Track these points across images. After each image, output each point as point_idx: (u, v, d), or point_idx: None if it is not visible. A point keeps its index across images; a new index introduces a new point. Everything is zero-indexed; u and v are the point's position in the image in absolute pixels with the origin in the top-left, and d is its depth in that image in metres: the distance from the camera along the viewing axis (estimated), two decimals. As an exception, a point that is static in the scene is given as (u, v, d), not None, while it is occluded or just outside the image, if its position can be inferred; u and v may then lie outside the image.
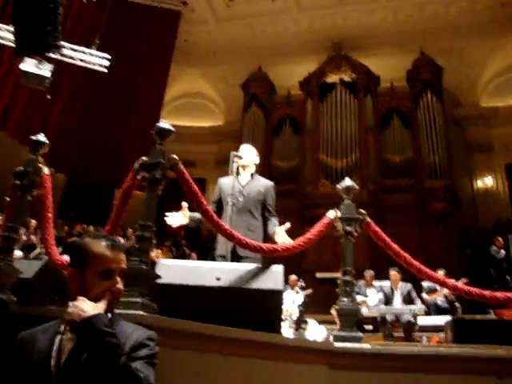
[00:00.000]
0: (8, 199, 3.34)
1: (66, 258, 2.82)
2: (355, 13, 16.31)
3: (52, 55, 9.14)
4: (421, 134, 14.53)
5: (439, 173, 13.84)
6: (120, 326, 1.58)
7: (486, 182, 15.95)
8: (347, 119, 14.78)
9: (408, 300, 7.62)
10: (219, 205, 4.03)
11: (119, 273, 1.61)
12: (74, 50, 10.32)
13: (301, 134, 15.58)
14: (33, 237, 10.05)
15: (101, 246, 1.61)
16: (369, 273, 8.79)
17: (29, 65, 9.38)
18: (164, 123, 2.69)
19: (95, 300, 1.54)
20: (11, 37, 8.68)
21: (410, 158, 14.52)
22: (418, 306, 7.42)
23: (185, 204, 3.50)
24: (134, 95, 15.32)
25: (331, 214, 3.00)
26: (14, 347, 1.58)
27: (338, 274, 3.01)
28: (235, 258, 3.64)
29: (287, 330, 7.30)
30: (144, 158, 2.61)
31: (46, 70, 9.46)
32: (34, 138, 3.10)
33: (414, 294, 7.76)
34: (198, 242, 14.46)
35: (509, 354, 2.70)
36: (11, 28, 8.70)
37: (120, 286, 1.60)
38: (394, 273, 7.78)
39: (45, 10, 7.53)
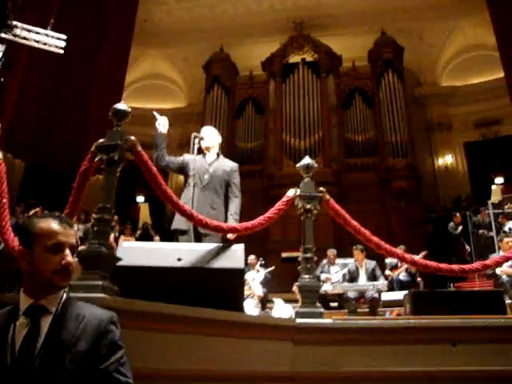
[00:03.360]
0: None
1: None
2: (316, -8, 16.30)
3: (3, 35, 8.81)
4: (383, 114, 14.72)
5: (401, 151, 14.09)
6: (77, 308, 1.54)
7: (446, 159, 16.36)
8: (310, 99, 14.84)
9: (372, 277, 7.74)
10: (176, 168, 4.06)
11: (70, 248, 1.55)
12: (28, 31, 9.95)
13: (264, 114, 15.57)
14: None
15: (47, 222, 1.56)
16: (331, 251, 8.92)
17: (-22, 46, 9.05)
18: (121, 104, 2.65)
19: (45, 279, 1.50)
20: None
21: (373, 137, 14.71)
22: (382, 282, 7.55)
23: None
24: (94, 77, 14.92)
25: (291, 192, 3.02)
26: None
27: (301, 253, 3.04)
28: (197, 234, 3.67)
29: (253, 310, 7.38)
30: (101, 140, 2.56)
31: (-4, 51, 9.14)
32: (-15, 121, 3.00)
33: (378, 271, 7.88)
34: (161, 225, 14.40)
35: (461, 323, 2.80)
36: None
37: (70, 258, 1.54)
38: (357, 251, 7.89)
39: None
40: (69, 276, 1.55)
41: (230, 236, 3.46)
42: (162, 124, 3.99)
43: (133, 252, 2.61)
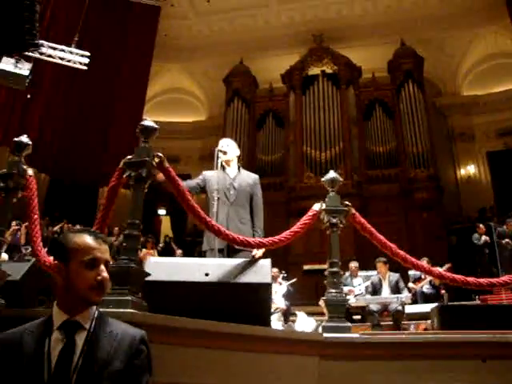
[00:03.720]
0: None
1: (51, 258, 2.81)
2: (335, 5, 16.36)
3: (30, 54, 9.02)
4: (403, 124, 14.64)
5: (422, 162, 13.97)
6: (109, 325, 1.57)
7: (469, 170, 16.16)
8: (330, 111, 14.82)
9: (396, 290, 7.67)
10: (198, 190, 4.06)
11: (104, 264, 1.58)
12: (53, 48, 10.19)
13: (284, 127, 15.59)
14: (17, 237, 10.02)
15: (83, 237, 1.59)
16: (353, 263, 8.88)
17: (7, 64, 9.26)
18: (148, 121, 2.69)
19: (82, 295, 1.52)
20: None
21: (394, 148, 14.62)
22: (405, 295, 7.48)
23: None
24: (116, 92, 15.18)
25: (317, 206, 3.02)
26: None
27: (325, 266, 3.04)
28: (230, 251, 3.70)
29: (276, 323, 7.35)
30: (129, 157, 2.61)
31: (24, 69, 9.34)
32: (17, 139, 3.08)
33: (401, 284, 7.81)
34: (182, 238, 14.49)
35: (491, 338, 2.76)
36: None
37: (106, 274, 1.57)
38: (380, 264, 7.83)
39: (21, 7, 7.43)
40: (103, 292, 1.58)
41: (255, 253, 3.48)
42: None
43: (161, 267, 2.63)
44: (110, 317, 1.65)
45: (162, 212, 16.33)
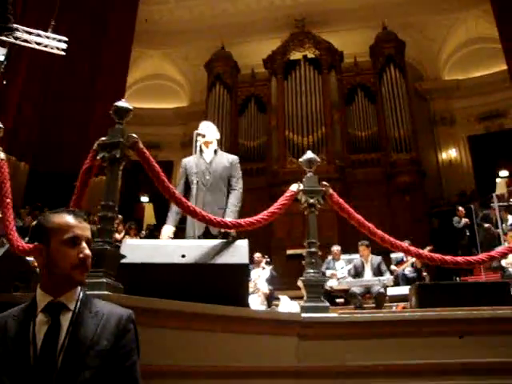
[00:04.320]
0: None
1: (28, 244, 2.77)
2: (316, -12, 16.25)
3: (5, 38, 8.82)
4: (385, 109, 14.66)
5: (404, 146, 14.03)
6: (94, 305, 1.54)
7: (450, 154, 16.30)
8: (312, 96, 14.79)
9: (378, 272, 7.75)
10: (187, 186, 4.03)
11: (86, 241, 1.55)
12: (29, 33, 9.94)
13: (266, 112, 15.51)
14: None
15: (62, 216, 1.57)
16: (336, 247, 8.93)
17: (-19, 50, 9.06)
18: (122, 102, 2.65)
19: (65, 274, 1.50)
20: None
21: (376, 132, 14.65)
22: (387, 277, 7.56)
23: None
24: (96, 78, 14.96)
25: (294, 187, 3.01)
26: None
27: (308, 250, 3.04)
28: (209, 237, 3.67)
29: (259, 307, 7.38)
30: (103, 138, 2.57)
31: (-2, 55, 9.15)
32: (-12, 122, 3.01)
33: (383, 267, 7.89)
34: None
35: (467, 314, 2.79)
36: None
37: (88, 251, 1.54)
38: (363, 247, 7.89)
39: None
40: (87, 270, 1.55)
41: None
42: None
43: (137, 249, 2.61)
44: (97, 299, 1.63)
45: (144, 199, 16.25)
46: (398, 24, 15.73)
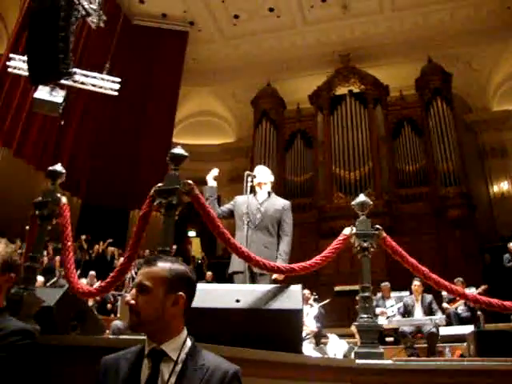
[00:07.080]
0: (28, 228, 3.40)
1: (84, 284, 2.86)
2: (361, 24, 16.38)
3: (64, 82, 9.30)
4: (433, 142, 14.44)
5: (453, 179, 13.73)
6: (201, 358, 1.54)
7: (502, 186, 15.81)
8: (358, 130, 14.77)
9: (429, 311, 7.51)
10: (228, 215, 4.10)
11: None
12: (86, 76, 10.48)
13: (313, 147, 15.58)
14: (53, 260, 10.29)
15: None
16: (385, 285, 8.75)
17: (42, 92, 9.57)
18: (178, 149, 2.74)
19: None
20: (25, 67, 8.85)
21: (424, 166, 14.42)
22: (439, 316, 7.31)
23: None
24: (146, 117, 15.48)
25: (347, 230, 3.01)
26: (98, 373, 1.56)
27: (356, 287, 3.01)
28: (251, 274, 3.70)
29: (307, 346, 7.26)
30: (160, 184, 2.65)
31: (58, 97, 9.64)
32: (51, 168, 3.16)
33: (435, 306, 7.64)
34: (212, 260, 14.53)
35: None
36: (25, 58, 8.90)
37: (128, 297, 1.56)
38: (417, 283, 7.66)
39: (56, 38, 7.69)
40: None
41: (276, 276, 3.48)
42: (213, 176, 4.18)
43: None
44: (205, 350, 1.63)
45: (192, 234, 16.46)
46: (444, 56, 15.62)
